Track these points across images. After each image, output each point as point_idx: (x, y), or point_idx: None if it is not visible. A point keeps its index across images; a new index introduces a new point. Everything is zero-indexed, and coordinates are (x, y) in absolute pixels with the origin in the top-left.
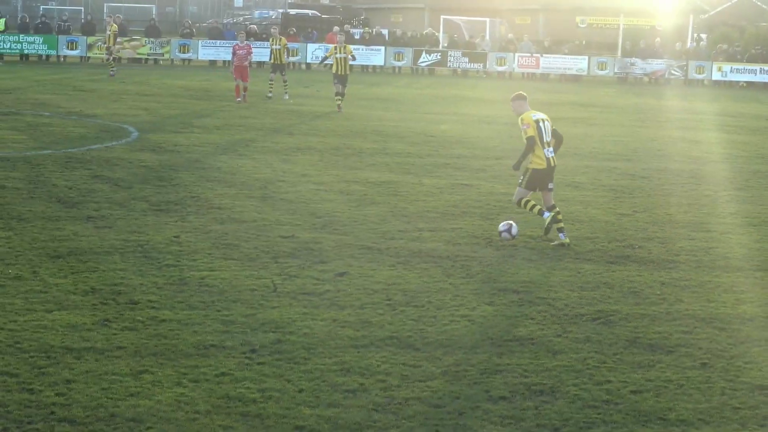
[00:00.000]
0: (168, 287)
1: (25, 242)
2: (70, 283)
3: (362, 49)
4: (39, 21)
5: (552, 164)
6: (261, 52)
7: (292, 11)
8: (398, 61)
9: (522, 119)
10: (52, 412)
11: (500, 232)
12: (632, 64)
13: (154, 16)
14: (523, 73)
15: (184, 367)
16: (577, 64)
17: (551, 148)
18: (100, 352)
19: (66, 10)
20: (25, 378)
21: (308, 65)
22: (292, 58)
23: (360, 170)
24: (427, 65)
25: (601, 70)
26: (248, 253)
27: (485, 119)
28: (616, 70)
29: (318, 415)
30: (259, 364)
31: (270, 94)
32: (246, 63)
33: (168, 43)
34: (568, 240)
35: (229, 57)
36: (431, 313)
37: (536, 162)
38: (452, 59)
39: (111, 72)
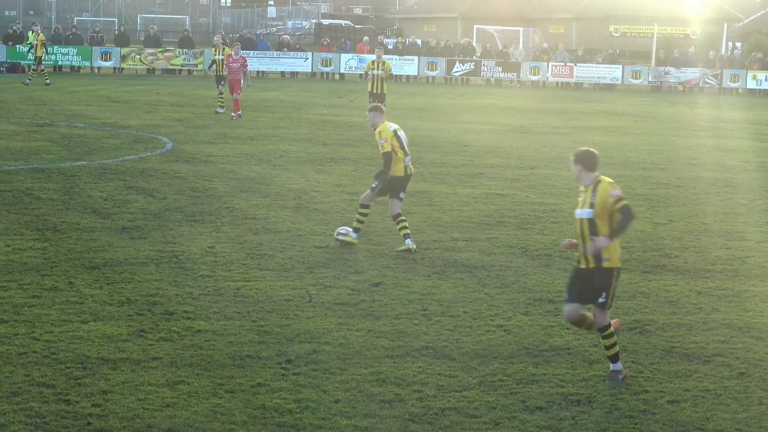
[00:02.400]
0: (203, 298)
1: (61, 253)
2: (106, 293)
3: (396, 59)
4: (71, 32)
5: (409, 172)
6: (294, 63)
7: (326, 21)
8: (432, 70)
9: (380, 133)
10: (89, 423)
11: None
12: (666, 73)
13: (187, 27)
14: (556, 82)
15: (220, 378)
16: (611, 73)
17: (409, 157)
18: (136, 362)
19: (99, 21)
20: (61, 389)
21: (341, 75)
22: (325, 68)
23: None
24: (460, 75)
25: (635, 79)
26: (283, 263)
27: (519, 129)
28: (650, 79)
29: (354, 425)
30: (294, 374)
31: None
32: (239, 76)
33: (201, 54)
34: (414, 246)
35: (261, 67)
36: (467, 323)
37: (395, 170)
38: (486, 69)
39: (47, 81)
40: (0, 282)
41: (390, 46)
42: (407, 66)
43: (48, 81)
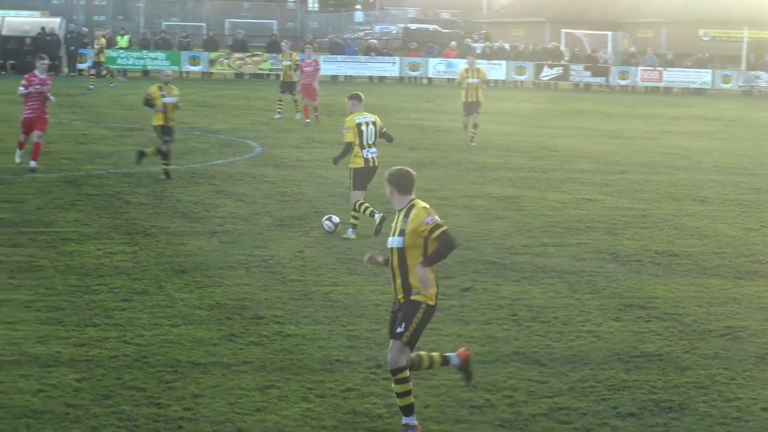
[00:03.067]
0: (293, 302)
1: (151, 257)
2: (196, 298)
3: (483, 64)
4: (159, 37)
5: (371, 164)
6: (382, 68)
7: (413, 26)
8: (520, 75)
9: (346, 122)
10: (180, 427)
11: (322, 225)
12: (757, 77)
13: (275, 31)
14: (645, 87)
15: (310, 383)
16: (701, 77)
17: (373, 149)
18: (227, 366)
19: (187, 26)
20: (152, 392)
21: (429, 80)
22: (412, 73)
23: (483, 185)
24: (549, 79)
25: (725, 83)
26: (372, 268)
27: (608, 133)
28: (740, 84)
29: (444, 430)
30: (384, 379)
31: (279, 116)
32: (313, 81)
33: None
34: (354, 237)
35: (349, 71)
36: (557, 329)
37: (355, 161)
38: (574, 73)
39: (89, 87)
40: (91, 286)
41: (478, 51)
42: (495, 70)
43: (91, 87)
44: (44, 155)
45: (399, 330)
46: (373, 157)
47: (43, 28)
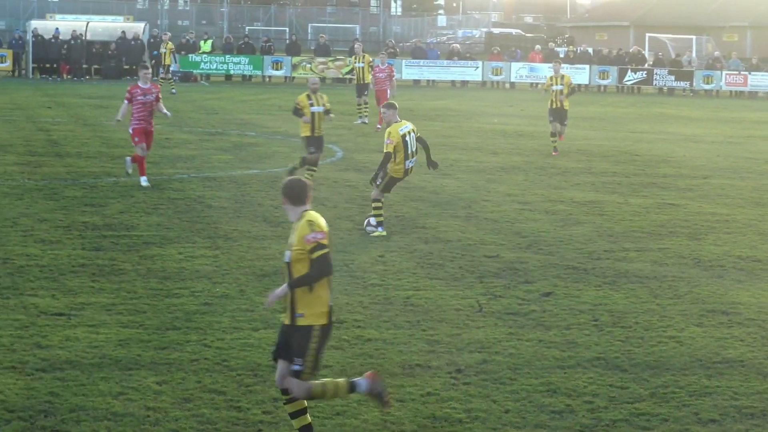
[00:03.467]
0: (373, 306)
1: (232, 261)
2: (276, 302)
3: (566, 68)
4: (242, 42)
5: (408, 173)
6: (465, 72)
7: (496, 30)
8: (603, 79)
9: (389, 133)
10: (260, 430)
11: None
12: None
13: (357, 36)
14: (730, 91)
15: (389, 387)
16: None
17: (414, 159)
18: None
19: (270, 31)
20: (232, 396)
21: (512, 84)
22: (495, 77)
23: (565, 190)
24: (632, 83)
25: None
26: (453, 272)
27: (692, 138)
28: None
29: None
30: (465, 384)
31: (361, 120)
32: (386, 87)
33: (372, 62)
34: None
35: (432, 75)
36: (638, 334)
37: (396, 170)
38: (658, 77)
39: (172, 91)
40: (172, 289)
41: (561, 55)
42: (578, 74)
43: (174, 90)
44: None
45: (296, 368)
46: (411, 167)
47: (123, 33)
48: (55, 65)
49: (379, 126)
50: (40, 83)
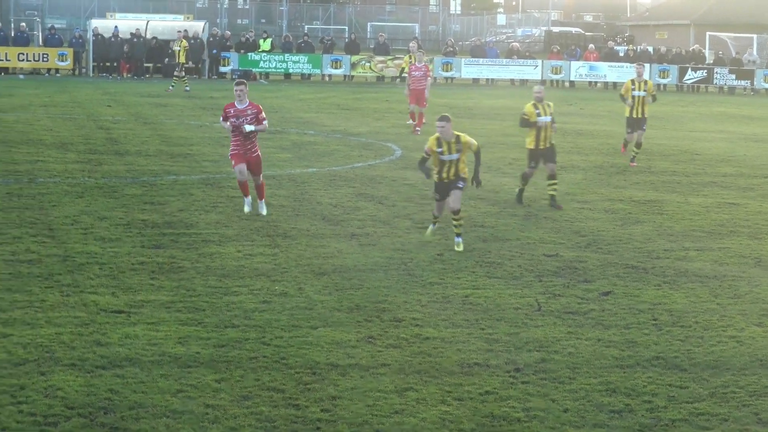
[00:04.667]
0: (432, 305)
1: (291, 259)
2: (335, 300)
3: (626, 67)
4: (302, 40)
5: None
6: (524, 71)
7: (555, 29)
8: (663, 78)
9: (466, 140)
10: (318, 428)
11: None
12: None
13: (417, 34)
14: None
15: (448, 385)
16: None
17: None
18: (365, 369)
19: (329, 29)
20: (291, 393)
21: (572, 83)
22: (554, 76)
23: (624, 189)
24: (692, 82)
25: None
26: (512, 271)
27: (753, 137)
28: None
29: None
30: (523, 383)
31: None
32: (423, 86)
33: (431, 61)
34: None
35: (491, 74)
36: (698, 334)
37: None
38: (718, 76)
39: (186, 89)
40: (231, 287)
41: (621, 53)
42: None
43: (188, 88)
44: (185, 158)
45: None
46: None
47: (179, 32)
48: (114, 64)
49: (418, 129)
50: (99, 81)
